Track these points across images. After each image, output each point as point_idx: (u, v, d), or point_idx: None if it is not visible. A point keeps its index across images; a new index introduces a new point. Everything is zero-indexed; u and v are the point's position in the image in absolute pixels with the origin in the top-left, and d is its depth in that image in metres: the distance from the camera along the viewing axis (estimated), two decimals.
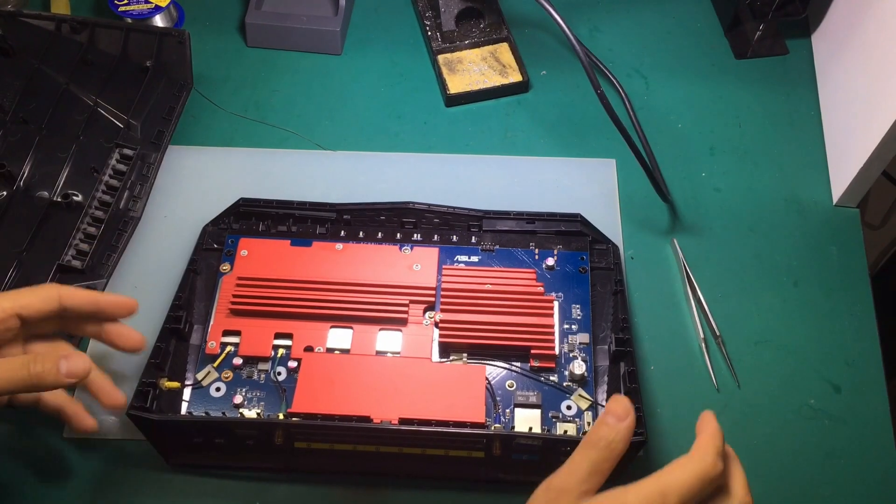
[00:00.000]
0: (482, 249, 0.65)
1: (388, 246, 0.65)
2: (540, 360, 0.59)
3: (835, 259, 0.68)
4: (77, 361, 0.50)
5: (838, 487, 0.59)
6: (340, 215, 0.66)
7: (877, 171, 0.67)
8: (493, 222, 0.66)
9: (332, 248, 0.64)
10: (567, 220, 0.65)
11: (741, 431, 0.61)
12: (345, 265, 0.63)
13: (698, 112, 0.76)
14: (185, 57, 0.74)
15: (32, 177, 0.67)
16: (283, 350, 0.60)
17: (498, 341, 0.59)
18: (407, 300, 0.61)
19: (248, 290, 0.62)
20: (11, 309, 0.52)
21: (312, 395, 0.56)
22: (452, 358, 0.60)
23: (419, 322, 0.61)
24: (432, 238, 0.66)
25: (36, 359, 0.49)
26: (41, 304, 0.54)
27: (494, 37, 0.79)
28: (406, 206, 0.65)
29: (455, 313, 0.60)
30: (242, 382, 0.59)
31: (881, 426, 0.61)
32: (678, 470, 0.43)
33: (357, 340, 0.60)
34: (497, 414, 0.58)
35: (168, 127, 0.73)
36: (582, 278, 0.64)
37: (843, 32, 0.74)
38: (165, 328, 0.59)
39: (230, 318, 0.61)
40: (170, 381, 0.58)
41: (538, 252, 0.65)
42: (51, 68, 0.72)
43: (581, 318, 0.62)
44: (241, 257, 0.64)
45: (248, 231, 0.66)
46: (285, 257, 0.64)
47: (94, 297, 0.56)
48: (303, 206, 0.66)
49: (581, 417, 0.58)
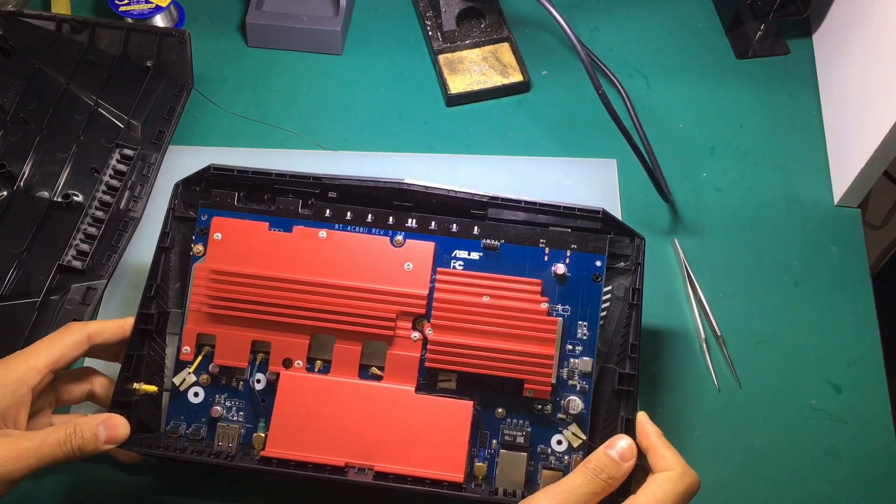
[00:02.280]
0: (484, 246, 0.57)
1: (378, 237, 0.57)
2: (534, 393, 0.54)
3: (836, 259, 0.68)
4: (117, 427, 0.50)
5: (839, 487, 0.59)
6: (325, 191, 0.58)
7: (878, 171, 0.67)
8: (500, 211, 0.57)
9: (314, 235, 0.57)
10: (587, 216, 0.57)
11: (742, 431, 0.61)
12: (328, 259, 0.57)
13: (699, 112, 0.76)
14: (186, 57, 0.74)
15: (33, 177, 0.68)
16: (262, 355, 0.56)
17: (490, 371, 0.54)
18: (395, 312, 0.56)
19: (223, 287, 0.56)
20: (45, 367, 0.51)
21: (288, 429, 0.54)
22: (441, 378, 0.55)
23: (407, 336, 0.56)
24: (429, 226, 0.57)
25: (76, 432, 0.49)
26: (74, 352, 0.52)
27: (495, 37, 0.79)
28: (400, 186, 0.57)
29: (446, 333, 0.55)
30: (221, 389, 0.57)
31: (882, 426, 0.61)
32: (662, 493, 0.46)
33: (339, 354, 0.56)
34: (482, 450, 0.55)
35: (168, 127, 0.73)
36: (594, 290, 0.56)
37: (845, 32, 0.74)
38: (137, 329, 0.55)
39: (205, 320, 0.57)
40: (147, 385, 0.55)
41: (549, 252, 0.57)
42: (51, 68, 0.72)
43: (587, 338, 0.56)
44: (214, 241, 0.57)
45: (222, 204, 0.58)
46: (263, 245, 0.57)
47: (121, 326, 0.55)
48: (282, 177, 0.58)
49: (570, 456, 0.54)
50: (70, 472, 0.59)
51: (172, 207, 0.59)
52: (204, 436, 0.56)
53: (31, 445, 0.48)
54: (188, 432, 0.56)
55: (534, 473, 0.55)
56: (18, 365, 0.50)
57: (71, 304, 0.64)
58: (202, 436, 0.56)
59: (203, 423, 0.56)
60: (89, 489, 0.59)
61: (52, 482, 0.59)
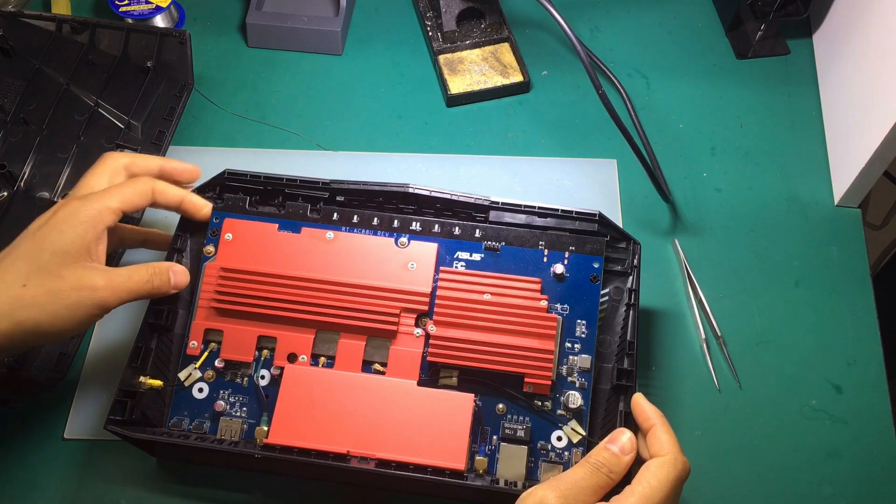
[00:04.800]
0: (486, 247, 0.59)
1: (383, 238, 0.59)
2: (534, 388, 0.55)
3: (836, 259, 0.68)
4: (181, 276, 0.57)
5: (840, 487, 0.59)
6: (333, 195, 0.61)
7: (878, 171, 0.67)
8: (501, 214, 0.60)
9: (322, 236, 0.59)
10: (584, 219, 0.59)
11: (742, 431, 0.61)
12: (335, 259, 0.58)
13: (699, 112, 0.76)
14: (186, 57, 0.74)
15: (33, 177, 0.67)
16: (267, 351, 0.58)
17: (491, 365, 0.55)
18: (398, 309, 0.57)
19: (231, 284, 0.58)
20: (118, 209, 0.54)
21: (291, 419, 0.54)
22: (443, 375, 0.56)
23: (410, 332, 0.57)
24: (432, 229, 0.60)
25: (155, 273, 0.55)
26: (141, 200, 0.56)
27: (495, 37, 0.79)
28: (405, 190, 0.59)
29: (448, 328, 0.56)
30: (225, 385, 0.57)
31: (882, 426, 0.61)
32: (657, 481, 0.46)
33: (343, 349, 0.57)
34: (482, 444, 0.55)
35: (169, 127, 0.73)
36: (592, 290, 0.58)
37: (845, 32, 0.74)
38: (146, 323, 0.57)
39: (213, 316, 0.58)
40: (152, 379, 0.56)
41: (548, 254, 0.59)
42: (51, 68, 0.72)
43: (585, 336, 0.57)
44: (225, 241, 0.59)
45: (234, 208, 0.61)
46: (272, 245, 0.59)
47: (180, 194, 0.58)
48: (293, 182, 0.61)
49: (570, 451, 0.55)
50: (70, 478, 0.59)
51: None
52: (207, 430, 0.57)
53: (120, 280, 0.52)
54: (191, 427, 0.57)
55: (534, 469, 0.55)
56: (95, 203, 0.53)
57: None
58: (205, 430, 0.57)
59: (206, 419, 0.57)
60: (92, 491, 0.59)
61: (55, 482, 0.59)
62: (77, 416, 0.61)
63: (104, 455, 0.60)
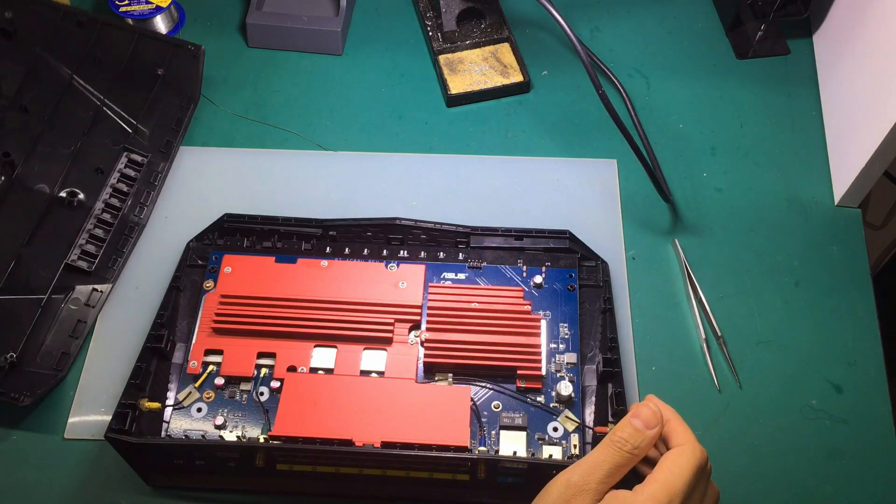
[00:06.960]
0: (469, 266, 0.64)
1: (374, 263, 0.64)
2: (527, 381, 0.58)
3: (836, 259, 0.68)
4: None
5: (840, 487, 0.59)
6: (326, 231, 0.65)
7: (878, 171, 0.67)
8: (481, 239, 0.65)
9: (317, 265, 0.63)
10: (556, 237, 0.65)
11: (743, 432, 0.61)
12: (330, 283, 0.62)
13: (699, 112, 0.76)
14: (197, 71, 0.74)
15: (31, 167, 0.66)
16: (265, 370, 0.59)
17: (484, 361, 0.58)
18: (392, 319, 0.60)
19: (231, 307, 0.61)
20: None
21: (294, 417, 0.55)
22: (438, 378, 0.59)
23: (404, 341, 0.60)
24: (419, 255, 0.65)
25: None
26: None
27: (495, 37, 0.79)
28: (392, 223, 0.64)
29: (441, 332, 0.59)
30: (224, 403, 0.58)
31: (883, 426, 0.61)
32: (678, 468, 0.45)
33: (341, 360, 0.59)
34: (482, 436, 0.57)
35: (176, 137, 0.72)
36: (570, 296, 0.63)
37: (845, 32, 0.74)
38: (147, 347, 0.58)
39: (213, 336, 0.60)
40: (150, 402, 0.57)
41: (526, 269, 0.64)
42: (55, 58, 0.71)
43: (569, 336, 0.61)
44: (224, 274, 0.63)
45: (232, 247, 0.65)
46: (270, 274, 0.63)
47: None
48: (288, 221, 0.65)
49: (567, 439, 0.57)
50: (69, 478, 0.59)
51: (185, 260, 0.64)
52: None
53: None
54: None
55: (535, 453, 0.57)
56: None
57: (75, 304, 0.64)
58: None
59: (204, 435, 0.57)
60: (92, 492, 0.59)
61: (55, 482, 0.59)
62: (77, 417, 0.61)
63: (104, 455, 0.59)
